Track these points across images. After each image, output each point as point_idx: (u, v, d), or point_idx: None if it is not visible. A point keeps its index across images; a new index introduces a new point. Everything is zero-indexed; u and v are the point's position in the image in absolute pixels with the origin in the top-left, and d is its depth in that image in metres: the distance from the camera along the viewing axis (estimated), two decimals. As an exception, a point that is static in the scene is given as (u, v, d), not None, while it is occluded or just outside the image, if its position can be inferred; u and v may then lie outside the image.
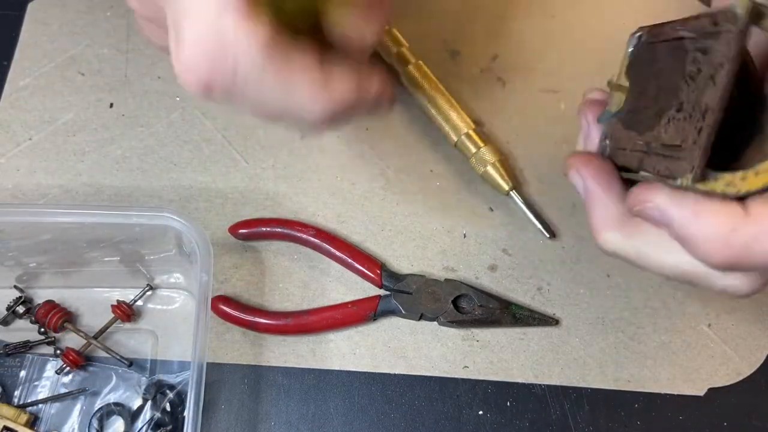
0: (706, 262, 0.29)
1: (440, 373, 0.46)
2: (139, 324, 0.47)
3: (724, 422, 0.46)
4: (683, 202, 0.29)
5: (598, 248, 0.34)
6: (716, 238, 0.28)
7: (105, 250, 0.44)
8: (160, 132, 0.53)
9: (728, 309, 0.49)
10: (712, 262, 0.29)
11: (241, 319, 0.46)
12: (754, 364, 0.47)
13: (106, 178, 0.51)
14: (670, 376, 0.47)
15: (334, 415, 0.45)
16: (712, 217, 0.28)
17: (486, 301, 0.47)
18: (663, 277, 0.33)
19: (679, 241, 0.30)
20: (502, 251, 0.50)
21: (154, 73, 0.55)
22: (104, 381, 0.45)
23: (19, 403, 0.44)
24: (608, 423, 0.45)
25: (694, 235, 0.29)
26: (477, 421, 0.45)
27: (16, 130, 0.53)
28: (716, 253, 0.28)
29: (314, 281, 0.49)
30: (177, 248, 0.43)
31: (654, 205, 0.30)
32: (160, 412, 0.43)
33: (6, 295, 0.46)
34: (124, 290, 0.47)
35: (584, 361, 0.47)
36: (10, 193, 0.50)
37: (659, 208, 0.30)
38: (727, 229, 0.27)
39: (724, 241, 0.28)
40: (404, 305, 0.47)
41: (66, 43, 0.56)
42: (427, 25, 0.57)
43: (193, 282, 0.44)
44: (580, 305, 0.49)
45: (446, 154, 0.53)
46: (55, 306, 0.46)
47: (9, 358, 0.45)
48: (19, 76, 0.55)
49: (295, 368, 0.46)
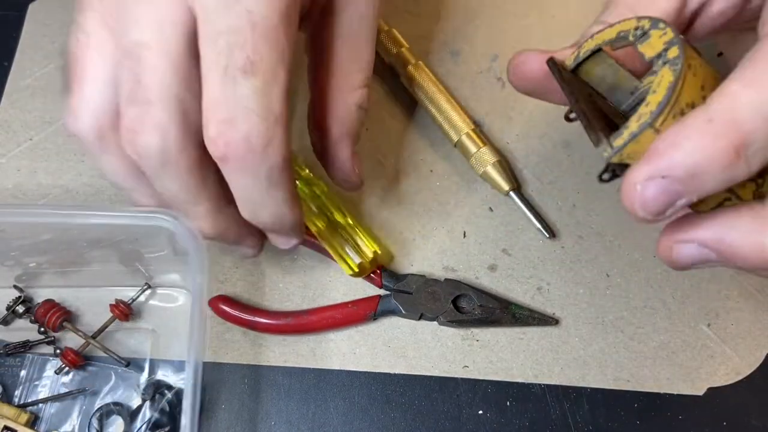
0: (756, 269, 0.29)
1: (440, 372, 0.46)
2: (139, 323, 0.47)
3: (724, 422, 0.46)
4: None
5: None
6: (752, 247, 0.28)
7: (104, 249, 0.44)
8: (160, 132, 0.53)
9: (728, 309, 0.49)
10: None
11: (241, 319, 0.46)
12: (753, 364, 0.47)
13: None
14: (670, 375, 0.47)
15: (334, 414, 0.45)
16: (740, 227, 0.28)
17: (486, 300, 0.47)
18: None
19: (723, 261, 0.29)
20: (502, 251, 0.50)
21: (155, 73, 0.55)
22: (103, 380, 0.45)
23: (20, 402, 0.44)
24: (608, 423, 0.45)
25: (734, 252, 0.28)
26: (477, 420, 0.45)
27: (17, 130, 0.53)
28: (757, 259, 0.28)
29: (314, 281, 0.49)
30: (171, 249, 0.43)
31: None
32: (159, 413, 0.43)
33: (6, 294, 0.46)
34: (124, 289, 0.47)
35: (584, 361, 0.47)
36: (11, 193, 0.50)
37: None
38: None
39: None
40: (404, 305, 0.47)
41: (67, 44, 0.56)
42: (427, 25, 0.57)
43: (190, 281, 0.44)
44: (579, 305, 0.49)
45: (446, 154, 0.53)
46: (55, 305, 0.46)
47: (9, 357, 0.45)
48: (19, 77, 0.55)
49: (295, 368, 0.46)
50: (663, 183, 0.26)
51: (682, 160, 0.25)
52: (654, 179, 0.26)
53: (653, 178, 0.26)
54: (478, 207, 0.51)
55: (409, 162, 0.53)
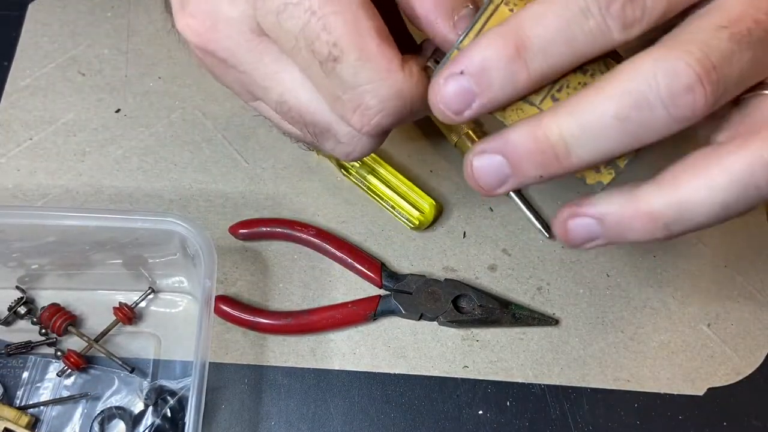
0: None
1: (440, 372, 0.47)
2: (142, 327, 0.47)
3: (724, 422, 0.46)
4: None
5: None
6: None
7: (108, 253, 0.44)
8: (160, 132, 0.53)
9: (728, 309, 0.49)
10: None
11: (242, 319, 0.46)
12: (753, 364, 0.47)
13: (107, 179, 0.51)
14: (670, 375, 0.47)
15: (334, 414, 0.45)
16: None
17: (486, 301, 0.47)
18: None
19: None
20: (502, 251, 0.50)
21: (154, 73, 0.55)
22: (106, 384, 0.45)
23: (21, 404, 0.44)
24: (608, 423, 0.45)
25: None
26: (477, 420, 0.45)
27: (17, 130, 0.53)
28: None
29: (314, 281, 0.49)
30: (181, 252, 0.43)
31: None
32: (161, 419, 0.43)
33: (8, 295, 0.47)
34: (127, 293, 0.47)
35: (584, 361, 0.47)
36: (11, 193, 0.50)
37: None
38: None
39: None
40: (404, 305, 0.47)
41: (66, 44, 0.56)
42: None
43: (196, 285, 0.44)
44: (579, 305, 0.49)
45: (446, 154, 0.53)
46: (60, 309, 0.46)
47: (12, 359, 0.45)
48: (19, 77, 0.55)
49: (295, 368, 0.46)
50: (460, 79, 0.29)
51: (473, 56, 0.29)
52: (453, 75, 0.29)
53: (453, 75, 0.29)
54: (478, 207, 0.51)
55: (409, 162, 0.52)
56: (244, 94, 0.36)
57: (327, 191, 0.52)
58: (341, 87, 0.30)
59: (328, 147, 0.35)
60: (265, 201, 0.51)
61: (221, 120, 0.54)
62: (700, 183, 0.28)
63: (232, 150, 0.53)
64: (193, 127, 0.53)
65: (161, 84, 0.55)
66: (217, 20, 0.32)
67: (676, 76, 0.26)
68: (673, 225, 0.29)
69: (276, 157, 0.53)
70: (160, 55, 0.56)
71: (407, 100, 0.31)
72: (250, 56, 0.33)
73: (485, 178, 0.32)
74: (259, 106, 0.37)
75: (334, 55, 0.29)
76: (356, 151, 0.34)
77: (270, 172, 0.52)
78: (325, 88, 0.31)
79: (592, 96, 0.28)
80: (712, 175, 0.28)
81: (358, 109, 0.31)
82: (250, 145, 0.53)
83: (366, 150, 0.34)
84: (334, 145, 0.34)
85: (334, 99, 0.31)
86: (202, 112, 0.54)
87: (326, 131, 0.34)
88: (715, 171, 0.28)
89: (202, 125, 0.54)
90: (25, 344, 0.46)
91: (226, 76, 0.35)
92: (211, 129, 0.53)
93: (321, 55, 0.30)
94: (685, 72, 0.26)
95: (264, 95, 0.34)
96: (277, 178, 0.52)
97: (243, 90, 0.36)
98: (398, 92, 0.31)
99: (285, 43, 0.31)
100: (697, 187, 0.28)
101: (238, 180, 0.52)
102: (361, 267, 0.48)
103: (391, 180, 0.50)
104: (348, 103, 0.31)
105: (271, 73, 0.33)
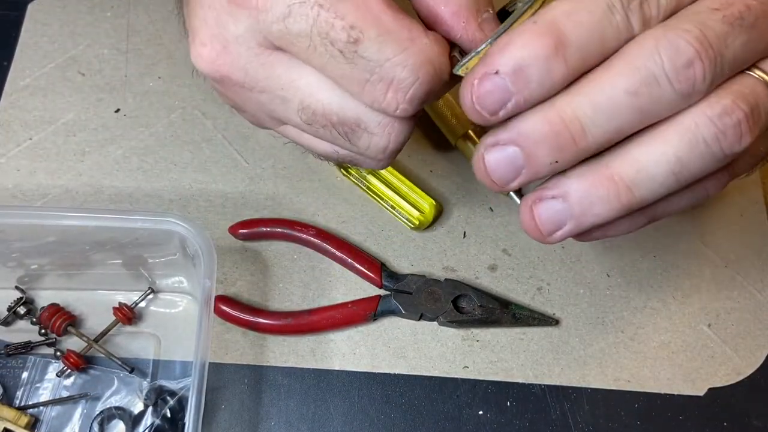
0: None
1: (440, 373, 0.46)
2: (141, 327, 0.47)
3: (724, 422, 0.46)
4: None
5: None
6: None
7: (108, 253, 0.44)
8: (160, 132, 0.53)
9: (728, 309, 0.49)
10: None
11: (242, 319, 0.46)
12: (754, 364, 0.47)
13: (107, 178, 0.51)
14: (670, 376, 0.47)
15: (334, 415, 0.45)
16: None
17: (486, 301, 0.47)
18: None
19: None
20: (502, 251, 0.50)
21: (154, 73, 0.55)
22: (106, 384, 0.45)
23: (20, 404, 0.44)
24: (608, 423, 0.45)
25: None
26: (477, 421, 0.45)
27: (17, 130, 0.53)
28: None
29: (314, 281, 0.49)
30: (181, 252, 0.43)
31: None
32: (161, 419, 0.43)
33: (7, 295, 0.46)
34: (127, 293, 0.47)
35: (584, 361, 0.47)
36: (10, 193, 0.50)
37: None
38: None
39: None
40: (404, 305, 0.47)
41: (66, 44, 0.56)
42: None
43: (196, 286, 0.44)
44: (580, 305, 0.49)
45: (446, 154, 0.53)
46: (60, 309, 0.46)
47: (11, 359, 0.45)
48: (19, 77, 0.55)
49: (295, 368, 0.46)
50: (495, 79, 0.29)
51: (510, 55, 0.28)
52: (488, 75, 0.29)
53: (488, 75, 0.29)
54: (478, 207, 0.51)
55: (409, 162, 0.52)
56: (268, 121, 0.36)
57: (327, 191, 0.52)
58: (368, 68, 0.30)
59: (363, 145, 0.34)
60: (265, 201, 0.51)
61: (221, 120, 0.54)
62: (656, 141, 0.30)
63: (232, 150, 0.53)
64: (193, 127, 0.53)
65: (161, 84, 0.55)
66: (226, 42, 0.32)
67: (678, 52, 0.28)
68: (636, 186, 0.30)
69: (276, 157, 0.53)
70: (159, 55, 0.56)
71: (437, 66, 0.31)
72: (263, 71, 0.33)
73: (499, 172, 0.32)
74: (286, 130, 0.37)
75: (353, 37, 0.29)
76: (392, 142, 0.34)
77: (270, 172, 0.52)
78: (350, 78, 0.31)
79: (602, 74, 0.29)
80: (665, 134, 0.29)
81: (390, 86, 0.30)
82: (250, 145, 0.53)
83: (401, 138, 0.34)
84: (368, 141, 0.34)
85: (362, 86, 0.31)
86: (201, 111, 0.54)
87: (356, 126, 0.33)
88: (668, 130, 0.29)
89: (202, 125, 0.53)
90: (25, 344, 0.45)
91: (248, 104, 0.35)
92: (211, 129, 0.53)
93: (340, 43, 0.29)
94: (685, 48, 0.28)
95: (285, 110, 0.34)
96: (277, 178, 0.52)
97: (265, 116, 0.36)
98: (428, 58, 0.30)
99: (298, 45, 0.31)
100: (653, 146, 0.30)
101: (238, 180, 0.52)
102: (361, 267, 0.48)
103: (391, 180, 0.50)
104: (379, 84, 0.30)
105: (286, 83, 0.33)
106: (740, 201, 0.53)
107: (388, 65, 0.30)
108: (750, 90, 0.29)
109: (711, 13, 0.28)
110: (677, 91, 0.28)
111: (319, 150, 0.37)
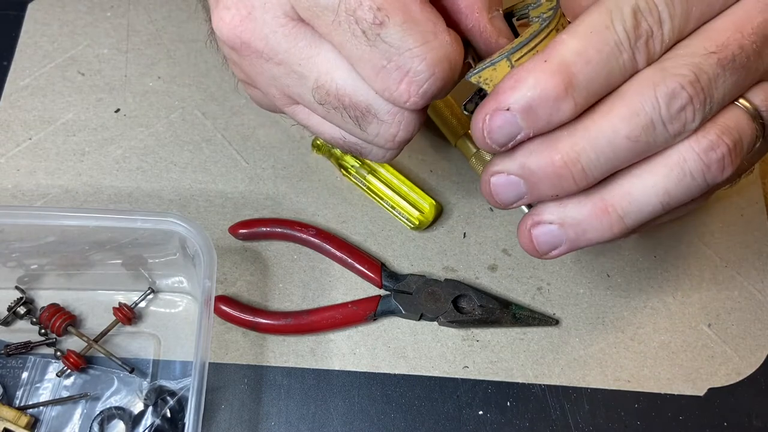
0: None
1: (440, 373, 0.46)
2: (141, 327, 0.47)
3: (724, 422, 0.46)
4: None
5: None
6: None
7: (108, 253, 0.44)
8: (160, 132, 0.53)
9: (728, 309, 0.49)
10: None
11: (242, 319, 0.46)
12: (754, 364, 0.47)
13: (106, 178, 0.51)
14: (670, 376, 0.47)
15: (334, 415, 0.45)
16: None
17: (486, 301, 0.47)
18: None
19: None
20: (502, 251, 0.50)
21: (154, 73, 0.55)
22: (106, 384, 0.45)
23: (20, 404, 0.44)
24: (608, 423, 0.45)
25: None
26: (477, 421, 0.45)
27: (16, 130, 0.53)
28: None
29: (314, 281, 0.49)
30: (181, 252, 0.43)
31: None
32: (161, 419, 0.43)
33: (7, 295, 0.46)
34: (127, 293, 0.47)
35: (584, 361, 0.47)
36: (10, 193, 0.50)
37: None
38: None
39: None
40: (404, 305, 0.47)
41: (66, 44, 0.56)
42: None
43: (195, 286, 0.44)
44: (580, 305, 0.49)
45: (446, 154, 0.53)
46: (59, 309, 0.46)
47: (11, 359, 0.45)
48: (19, 76, 0.55)
49: (295, 368, 0.46)
50: (506, 115, 0.30)
51: (521, 94, 0.30)
52: (499, 111, 0.30)
53: (499, 110, 0.30)
54: (478, 207, 0.51)
55: (409, 162, 0.52)
56: (279, 98, 0.36)
57: (327, 191, 0.51)
58: (387, 55, 0.30)
59: (372, 131, 0.34)
60: (265, 201, 0.51)
61: (221, 120, 0.54)
62: (647, 175, 0.32)
63: (232, 150, 0.53)
64: (193, 127, 0.53)
65: (161, 84, 0.55)
66: (252, 7, 0.32)
67: (674, 98, 0.29)
68: (627, 216, 0.32)
69: (276, 157, 0.52)
70: (159, 55, 0.56)
71: (453, 66, 0.31)
72: (285, 42, 0.33)
73: (502, 196, 0.34)
74: (295, 111, 0.37)
75: (379, 19, 0.29)
76: (401, 132, 0.34)
77: (270, 172, 0.52)
78: (367, 62, 0.31)
79: (604, 118, 0.30)
80: (655, 168, 0.31)
81: (405, 77, 0.31)
82: (250, 145, 0.53)
83: (410, 129, 0.34)
84: (377, 128, 0.34)
85: (377, 71, 0.31)
86: (201, 111, 0.54)
87: (367, 112, 0.33)
88: (658, 165, 0.31)
89: (201, 125, 0.53)
90: (25, 344, 0.45)
91: (261, 77, 0.35)
92: (210, 129, 0.53)
93: (365, 23, 0.29)
94: (680, 93, 0.29)
95: (299, 86, 0.34)
96: (277, 178, 0.52)
97: (277, 91, 0.36)
98: (446, 55, 0.31)
99: (323, 19, 0.30)
100: (645, 179, 0.32)
101: (238, 180, 0.52)
102: (361, 267, 0.48)
103: (391, 180, 0.50)
104: (394, 72, 0.31)
105: (305, 58, 0.33)
106: (740, 201, 0.53)
107: (407, 54, 0.30)
108: (735, 123, 0.31)
109: (707, 56, 0.30)
110: (670, 132, 0.30)
111: (327, 135, 0.37)
